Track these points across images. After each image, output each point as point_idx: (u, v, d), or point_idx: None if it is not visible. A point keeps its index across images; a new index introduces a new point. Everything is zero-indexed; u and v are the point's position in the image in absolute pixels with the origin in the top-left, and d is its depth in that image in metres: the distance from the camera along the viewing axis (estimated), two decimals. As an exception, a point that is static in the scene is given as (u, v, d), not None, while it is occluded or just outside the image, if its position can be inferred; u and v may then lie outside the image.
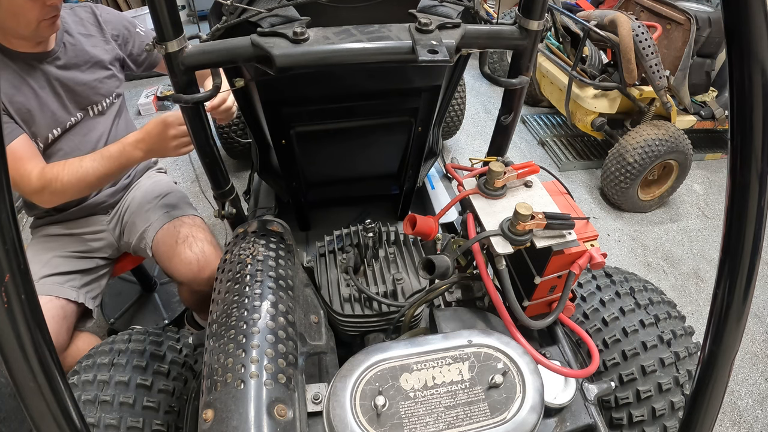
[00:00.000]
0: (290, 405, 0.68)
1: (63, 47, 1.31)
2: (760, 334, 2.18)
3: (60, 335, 1.28)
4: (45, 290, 1.30)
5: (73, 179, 1.20)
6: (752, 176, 0.50)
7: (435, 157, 1.65)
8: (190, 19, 4.69)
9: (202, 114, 0.92)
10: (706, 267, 2.50)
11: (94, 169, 1.21)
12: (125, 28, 1.44)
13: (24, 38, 1.21)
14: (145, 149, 1.21)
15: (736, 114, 0.49)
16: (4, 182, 0.42)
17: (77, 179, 1.21)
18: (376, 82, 1.14)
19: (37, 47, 1.25)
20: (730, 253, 0.54)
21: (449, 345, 0.75)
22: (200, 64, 0.82)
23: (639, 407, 1.05)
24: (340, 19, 0.88)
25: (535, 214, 0.80)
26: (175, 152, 1.21)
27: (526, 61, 0.96)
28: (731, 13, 0.46)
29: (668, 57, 2.62)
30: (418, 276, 1.04)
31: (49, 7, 1.17)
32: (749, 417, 1.86)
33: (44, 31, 1.20)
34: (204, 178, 1.08)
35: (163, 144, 1.19)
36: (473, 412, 0.68)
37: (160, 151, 1.21)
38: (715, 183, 3.11)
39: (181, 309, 2.08)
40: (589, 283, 1.24)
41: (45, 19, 1.18)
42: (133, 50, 1.47)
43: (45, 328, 0.47)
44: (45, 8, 1.16)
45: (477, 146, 3.28)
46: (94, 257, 1.48)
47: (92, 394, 0.94)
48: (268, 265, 0.85)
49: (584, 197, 2.90)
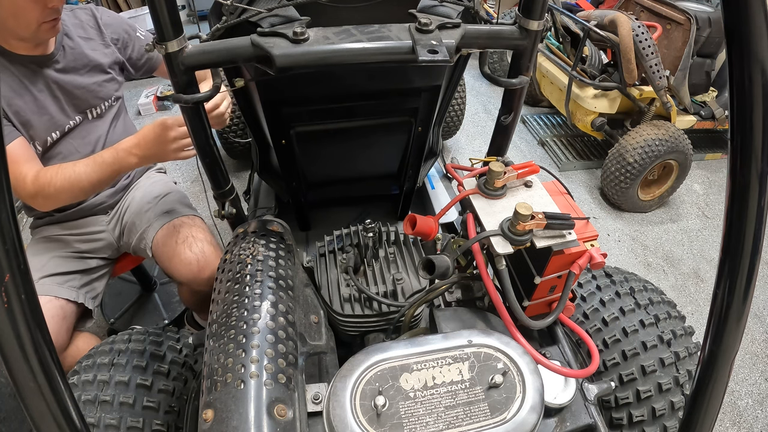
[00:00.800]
0: (290, 405, 0.68)
1: (62, 50, 1.30)
2: (760, 334, 2.18)
3: (60, 335, 1.27)
4: (44, 290, 1.30)
5: (65, 184, 1.19)
6: (752, 176, 0.50)
7: (435, 157, 1.65)
8: (190, 19, 4.69)
9: (202, 114, 0.92)
10: (706, 267, 2.50)
11: (87, 174, 1.20)
12: (125, 31, 1.43)
13: (23, 40, 1.20)
14: (141, 155, 1.18)
15: (736, 114, 0.49)
16: (4, 182, 0.42)
17: (70, 184, 1.19)
18: (376, 82, 1.13)
19: (36, 50, 1.24)
20: (730, 253, 0.54)
21: (449, 345, 0.75)
22: (200, 64, 0.82)
23: (639, 407, 1.05)
24: (340, 19, 0.88)
25: (535, 214, 0.80)
26: (175, 155, 1.18)
27: (526, 61, 0.96)
28: (731, 13, 0.46)
29: (668, 57, 2.62)
30: (418, 276, 1.04)
31: (50, 9, 1.16)
32: (749, 417, 1.86)
33: (44, 33, 1.20)
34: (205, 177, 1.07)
35: (162, 147, 1.16)
36: (473, 412, 0.68)
37: (158, 156, 1.19)
38: (715, 183, 3.11)
39: (181, 309, 2.08)
40: (589, 283, 1.24)
41: (45, 22, 1.17)
42: (133, 54, 1.46)
43: (45, 328, 0.47)
44: (46, 10, 1.15)
45: (477, 146, 3.28)
46: (93, 257, 1.48)
47: (92, 394, 0.94)
48: (268, 265, 0.85)
49: (584, 197, 2.90)
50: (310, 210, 1.59)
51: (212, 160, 1.01)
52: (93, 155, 1.23)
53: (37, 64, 1.25)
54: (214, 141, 0.99)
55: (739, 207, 0.51)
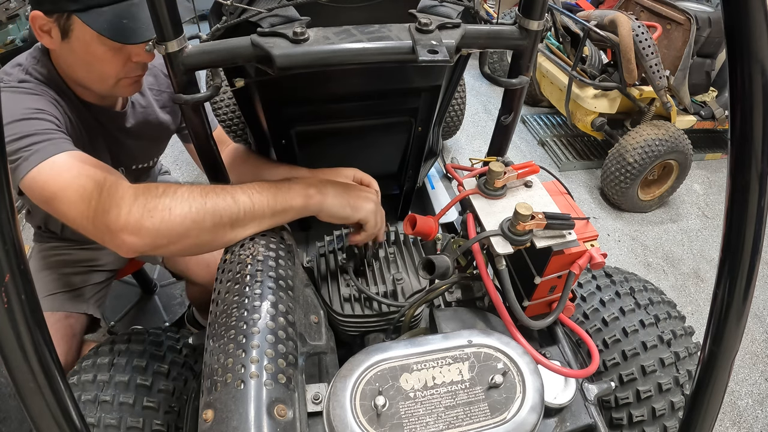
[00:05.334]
0: (290, 405, 0.68)
1: (132, 108, 1.13)
2: (760, 334, 2.18)
3: (70, 354, 1.24)
4: (56, 306, 1.26)
5: (190, 217, 0.75)
6: (752, 176, 0.50)
7: (435, 157, 1.65)
8: (190, 19, 4.68)
9: (202, 114, 0.92)
10: (706, 267, 2.50)
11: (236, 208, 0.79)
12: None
13: (92, 90, 1.04)
14: (327, 195, 0.86)
15: (736, 114, 0.49)
16: (4, 182, 0.42)
17: (192, 220, 0.75)
18: (376, 82, 1.13)
19: (104, 101, 1.08)
20: (730, 253, 0.54)
21: (449, 345, 0.74)
22: (200, 64, 0.82)
23: (639, 407, 1.05)
24: (340, 19, 0.88)
25: (535, 214, 0.80)
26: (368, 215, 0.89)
27: (526, 61, 0.96)
28: (731, 13, 0.46)
29: (668, 57, 2.62)
30: (418, 276, 1.04)
31: (134, 64, 0.97)
32: (749, 417, 1.86)
33: (123, 90, 1.01)
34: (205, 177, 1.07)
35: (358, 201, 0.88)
36: (473, 412, 0.68)
37: (348, 207, 0.87)
38: (715, 183, 3.11)
39: (181, 311, 2.07)
40: (589, 283, 1.24)
41: (126, 78, 0.99)
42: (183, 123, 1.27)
43: (45, 328, 0.47)
44: (129, 65, 0.96)
45: (477, 146, 3.28)
46: (103, 270, 1.44)
47: (92, 394, 0.94)
48: (268, 265, 0.85)
49: (584, 197, 2.90)
50: (310, 210, 1.59)
51: (212, 160, 1.01)
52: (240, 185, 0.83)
53: (100, 119, 1.08)
54: (215, 141, 0.99)
55: (739, 207, 0.51)
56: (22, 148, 0.85)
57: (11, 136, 0.85)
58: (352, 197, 0.88)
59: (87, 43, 0.91)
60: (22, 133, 0.86)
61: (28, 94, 0.94)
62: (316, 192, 0.85)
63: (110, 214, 0.72)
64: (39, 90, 0.96)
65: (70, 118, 1.02)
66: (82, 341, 1.34)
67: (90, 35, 0.90)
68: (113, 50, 0.93)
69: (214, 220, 0.77)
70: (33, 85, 0.96)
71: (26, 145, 0.85)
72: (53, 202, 0.81)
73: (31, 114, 0.90)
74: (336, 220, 0.89)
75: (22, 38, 2.78)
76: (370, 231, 0.92)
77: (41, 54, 1.01)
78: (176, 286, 2.18)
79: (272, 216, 0.83)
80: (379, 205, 0.94)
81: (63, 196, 0.79)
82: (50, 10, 0.89)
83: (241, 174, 1.13)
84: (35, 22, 0.91)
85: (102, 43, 0.91)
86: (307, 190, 0.84)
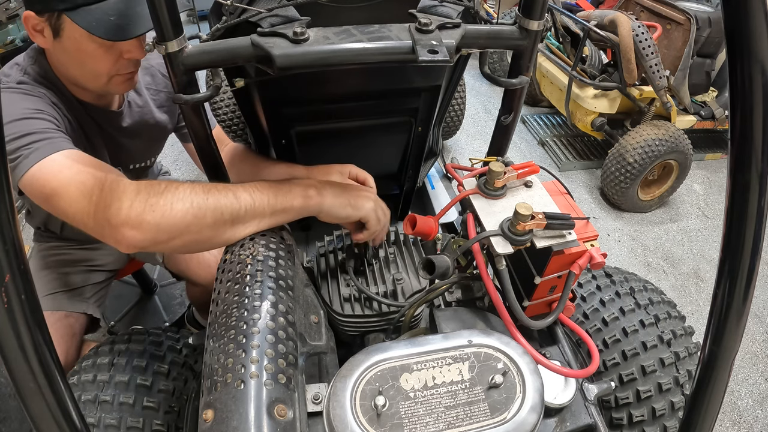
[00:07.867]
0: (290, 405, 0.68)
1: (128, 107, 1.13)
2: (760, 334, 2.18)
3: (69, 354, 1.24)
4: (56, 305, 1.26)
5: (191, 212, 0.75)
6: (752, 176, 0.50)
7: (435, 157, 1.65)
8: (190, 19, 4.68)
9: (202, 114, 0.92)
10: (706, 267, 2.50)
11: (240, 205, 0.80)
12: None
13: (87, 89, 1.04)
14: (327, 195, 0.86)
15: (736, 114, 0.49)
16: (4, 182, 0.42)
17: (194, 216, 0.75)
18: (376, 82, 1.13)
19: (99, 100, 1.08)
20: (730, 253, 0.54)
21: (449, 345, 0.74)
22: (200, 65, 0.82)
23: (639, 407, 1.05)
24: (340, 19, 0.88)
25: (535, 214, 0.80)
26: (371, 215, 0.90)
27: (526, 61, 0.96)
28: (731, 13, 0.46)
29: (668, 57, 2.62)
30: (418, 276, 1.04)
31: (127, 61, 0.97)
32: (749, 417, 1.86)
33: (116, 87, 1.01)
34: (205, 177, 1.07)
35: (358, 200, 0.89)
36: (473, 412, 0.68)
37: (347, 206, 0.88)
38: (715, 183, 3.11)
39: (181, 311, 2.07)
40: (589, 283, 1.24)
41: (118, 75, 0.99)
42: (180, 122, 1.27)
43: (45, 328, 0.47)
44: (121, 61, 0.96)
45: (477, 146, 3.28)
46: (103, 270, 1.44)
47: (92, 394, 0.94)
48: (268, 265, 0.85)
49: (584, 197, 2.90)
50: (310, 210, 1.59)
51: (212, 160, 1.01)
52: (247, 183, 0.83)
53: (97, 119, 1.09)
54: (215, 141, 0.99)
55: (739, 207, 0.51)
56: (22, 146, 0.85)
57: (11, 135, 0.86)
58: (352, 197, 0.89)
59: (78, 41, 0.91)
60: (21, 132, 0.87)
61: (27, 95, 0.95)
62: (315, 193, 0.86)
63: (111, 209, 0.72)
64: (37, 92, 0.97)
65: (68, 119, 1.02)
66: (82, 341, 1.34)
67: (80, 33, 0.90)
68: (104, 48, 0.93)
69: (215, 216, 0.77)
70: (31, 87, 0.97)
71: (26, 144, 0.86)
72: (53, 199, 0.81)
73: (30, 114, 0.91)
74: (338, 220, 0.90)
75: (22, 38, 2.78)
76: (373, 228, 0.93)
77: (37, 54, 1.02)
78: (176, 286, 2.18)
79: (272, 215, 0.84)
80: (380, 201, 0.95)
81: (63, 192, 0.80)
82: (41, 9, 0.89)
83: (239, 172, 1.14)
84: (28, 22, 0.92)
85: (92, 41, 0.91)
86: (306, 191, 0.85)
